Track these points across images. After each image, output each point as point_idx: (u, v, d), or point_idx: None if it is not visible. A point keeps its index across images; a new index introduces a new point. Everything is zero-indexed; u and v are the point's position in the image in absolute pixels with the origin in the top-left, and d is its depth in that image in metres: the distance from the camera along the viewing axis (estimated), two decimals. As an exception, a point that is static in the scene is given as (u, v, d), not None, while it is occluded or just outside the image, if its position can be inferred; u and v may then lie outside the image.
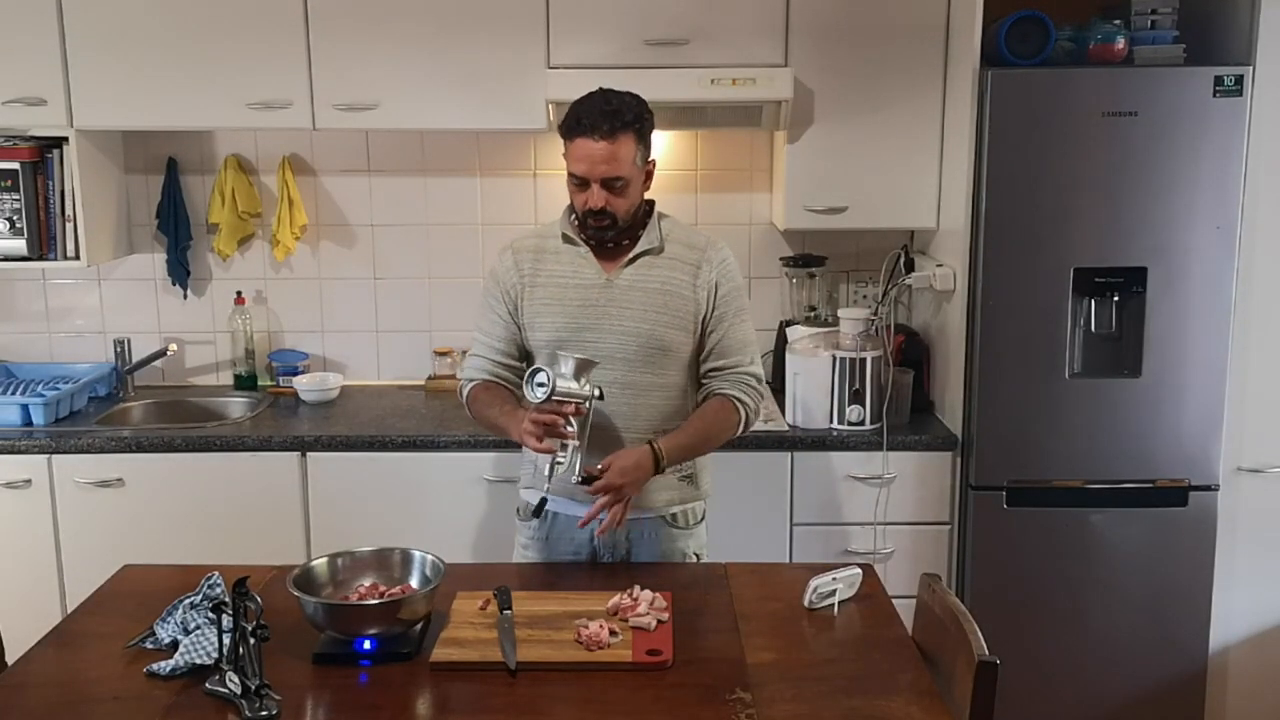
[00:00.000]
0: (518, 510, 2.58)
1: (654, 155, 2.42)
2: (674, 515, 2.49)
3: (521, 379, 2.50)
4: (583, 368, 2.24)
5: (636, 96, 2.36)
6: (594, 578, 2.36)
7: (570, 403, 2.21)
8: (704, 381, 2.48)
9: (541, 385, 2.18)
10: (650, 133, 2.37)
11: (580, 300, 2.40)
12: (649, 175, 2.41)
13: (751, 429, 2.50)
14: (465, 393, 2.51)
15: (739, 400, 2.43)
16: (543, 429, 2.21)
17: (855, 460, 3.25)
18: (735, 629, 2.12)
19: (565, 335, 2.39)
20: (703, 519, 2.56)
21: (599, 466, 2.26)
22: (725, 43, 3.26)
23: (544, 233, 2.50)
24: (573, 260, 2.43)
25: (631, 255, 2.41)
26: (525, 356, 2.50)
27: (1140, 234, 3.04)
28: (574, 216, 2.44)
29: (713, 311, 2.43)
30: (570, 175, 2.34)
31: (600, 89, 2.36)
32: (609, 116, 2.28)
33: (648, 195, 2.45)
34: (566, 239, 2.44)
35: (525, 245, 2.48)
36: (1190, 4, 3.12)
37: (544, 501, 2.33)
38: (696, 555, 2.53)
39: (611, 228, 2.37)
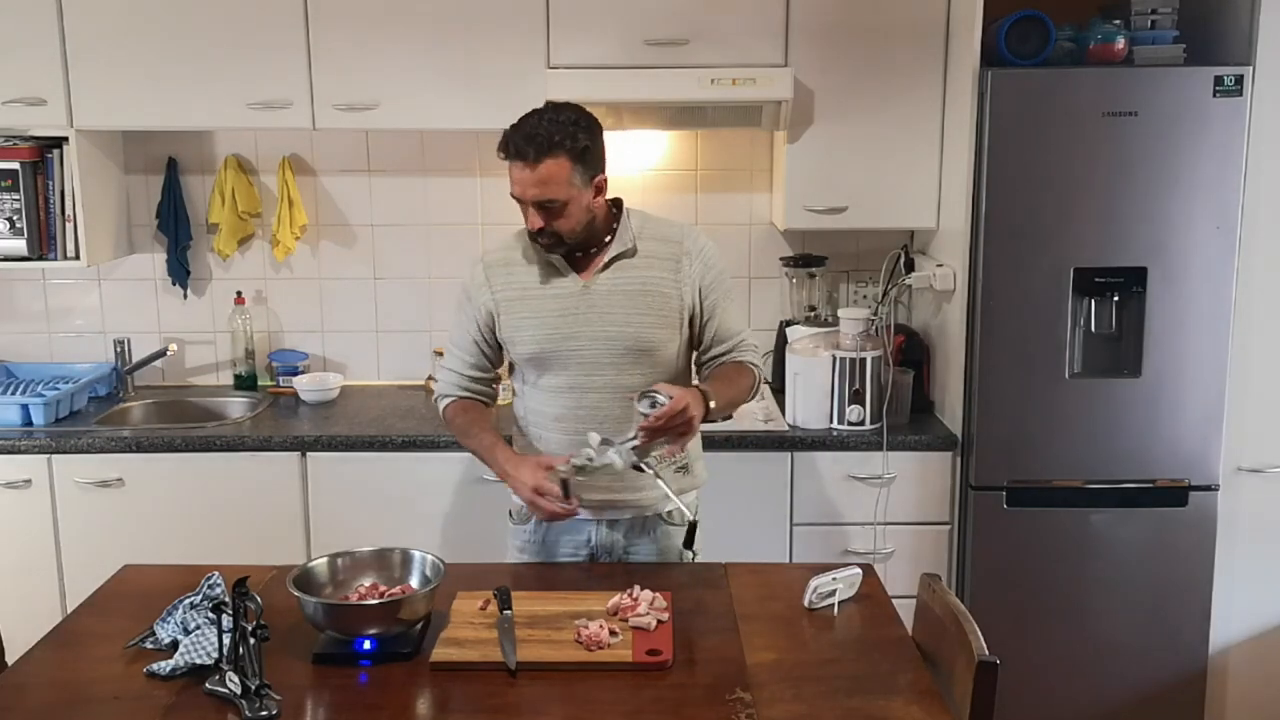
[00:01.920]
0: (510, 513, 2.58)
1: (652, 157, 2.40)
2: (670, 513, 2.48)
3: (491, 387, 2.53)
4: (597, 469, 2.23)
5: (577, 113, 2.29)
6: (593, 578, 2.36)
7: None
8: (707, 364, 2.47)
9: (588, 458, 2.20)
10: (591, 149, 2.28)
11: (559, 310, 2.37)
12: (599, 189, 2.34)
13: (757, 395, 2.50)
14: (442, 411, 2.51)
15: (750, 364, 2.45)
16: (538, 498, 2.24)
17: (855, 460, 3.25)
18: (735, 629, 2.12)
19: (548, 346, 2.38)
20: (696, 512, 2.54)
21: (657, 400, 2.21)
22: (725, 43, 3.26)
23: (511, 244, 2.46)
24: (545, 269, 2.40)
25: (606, 260, 2.38)
26: (496, 368, 2.51)
27: (1140, 234, 3.04)
28: None
29: (702, 303, 2.42)
30: (512, 195, 2.32)
31: (548, 103, 2.33)
32: (532, 140, 2.23)
33: (613, 194, 2.42)
34: (537, 248, 2.41)
35: (495, 260, 2.45)
36: (1190, 4, 3.12)
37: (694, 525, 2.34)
38: (693, 553, 2.52)
39: (559, 245, 2.34)
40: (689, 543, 2.37)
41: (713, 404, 2.27)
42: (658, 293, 2.38)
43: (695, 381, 2.45)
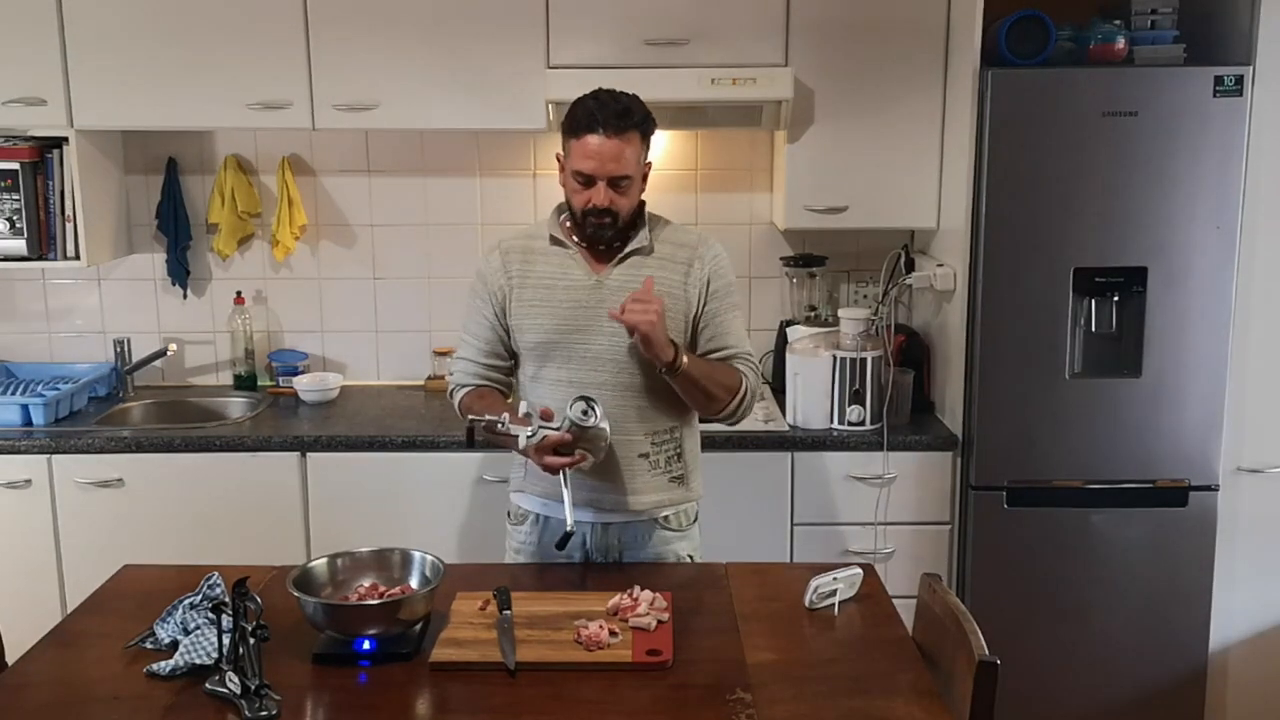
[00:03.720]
0: (508, 514, 2.58)
1: (652, 156, 2.42)
2: (666, 517, 2.48)
3: (508, 377, 2.52)
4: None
5: (638, 98, 2.36)
6: (593, 578, 2.36)
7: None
8: None
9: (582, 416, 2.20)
10: (652, 135, 2.37)
11: (570, 301, 2.38)
12: (645, 177, 2.40)
13: (748, 412, 2.45)
14: (457, 400, 2.50)
15: (741, 371, 2.42)
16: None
17: (855, 460, 3.25)
18: (735, 629, 2.12)
19: (555, 337, 2.38)
20: (695, 520, 2.55)
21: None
22: (725, 43, 3.26)
23: (532, 233, 2.48)
24: (562, 261, 2.41)
25: (621, 255, 2.39)
26: (512, 356, 2.49)
27: (1140, 234, 3.04)
28: (564, 217, 2.42)
29: (704, 307, 2.42)
30: (575, 173, 2.32)
31: (603, 89, 2.35)
32: (620, 115, 2.28)
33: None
34: (555, 240, 2.42)
35: (513, 246, 2.46)
36: (1190, 4, 3.12)
37: (568, 535, 2.27)
38: (690, 557, 2.52)
39: (612, 226, 2.35)
40: (561, 545, 2.30)
41: (680, 357, 2.28)
42: (667, 294, 2.38)
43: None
